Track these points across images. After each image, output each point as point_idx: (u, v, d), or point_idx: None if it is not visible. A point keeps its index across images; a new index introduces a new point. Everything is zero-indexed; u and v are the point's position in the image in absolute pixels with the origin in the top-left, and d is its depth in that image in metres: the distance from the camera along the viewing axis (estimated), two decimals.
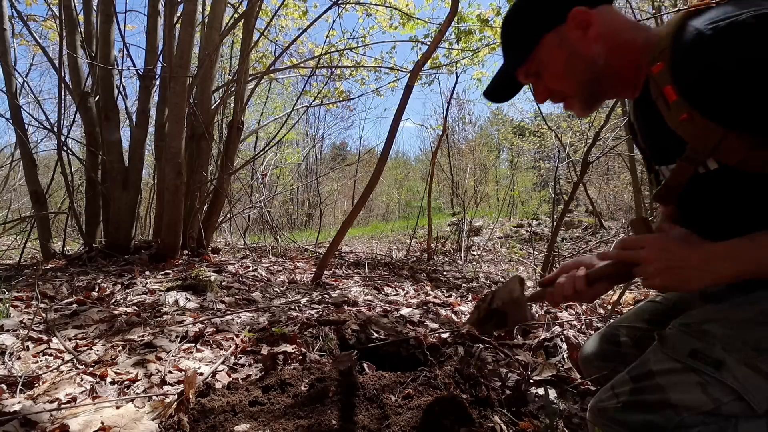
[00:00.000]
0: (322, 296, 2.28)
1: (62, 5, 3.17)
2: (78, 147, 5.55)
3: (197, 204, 3.42)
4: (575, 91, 0.89)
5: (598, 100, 0.91)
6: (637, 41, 0.82)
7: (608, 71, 0.85)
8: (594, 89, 0.88)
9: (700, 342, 0.72)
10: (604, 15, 0.84)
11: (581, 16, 0.84)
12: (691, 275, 0.73)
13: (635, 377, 0.76)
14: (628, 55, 0.83)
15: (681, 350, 0.73)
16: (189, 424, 1.01)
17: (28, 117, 5.21)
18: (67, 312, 1.80)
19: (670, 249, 0.76)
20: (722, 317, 0.74)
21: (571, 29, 0.85)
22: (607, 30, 0.84)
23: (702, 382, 0.69)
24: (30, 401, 1.10)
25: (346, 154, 21.73)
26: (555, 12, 0.86)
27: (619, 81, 0.86)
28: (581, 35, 0.84)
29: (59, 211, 4.29)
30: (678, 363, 0.73)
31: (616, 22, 0.85)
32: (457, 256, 4.73)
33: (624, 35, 0.83)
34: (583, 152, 3.77)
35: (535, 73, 0.92)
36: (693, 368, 0.71)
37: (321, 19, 4.36)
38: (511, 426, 1.04)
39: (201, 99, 3.49)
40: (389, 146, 2.72)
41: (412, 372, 1.21)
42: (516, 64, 0.93)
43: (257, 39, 4.64)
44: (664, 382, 0.72)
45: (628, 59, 0.83)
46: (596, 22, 0.83)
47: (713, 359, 0.70)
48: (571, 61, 0.86)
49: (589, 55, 0.84)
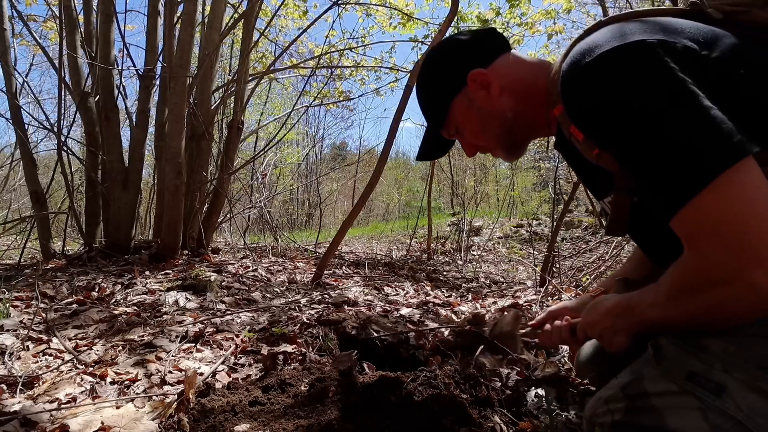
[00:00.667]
0: (322, 296, 2.28)
1: (62, 5, 3.17)
2: (78, 147, 5.55)
3: (197, 204, 3.42)
4: (495, 144, 0.94)
5: (521, 146, 0.95)
6: (538, 84, 0.84)
7: (520, 120, 0.88)
8: (512, 138, 0.92)
9: (698, 362, 0.65)
10: (501, 69, 0.88)
11: (480, 77, 0.87)
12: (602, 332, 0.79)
13: (630, 396, 0.70)
14: (535, 99, 0.85)
15: (678, 371, 0.67)
16: (189, 424, 1.01)
17: (28, 117, 5.21)
18: (67, 312, 1.80)
19: (594, 309, 0.82)
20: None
21: (474, 90, 0.88)
22: (509, 81, 0.87)
23: (701, 407, 0.63)
24: (30, 401, 1.10)
25: (346, 154, 21.73)
26: (455, 78, 0.90)
27: (534, 125, 0.90)
28: (485, 94, 0.87)
29: (59, 211, 4.29)
30: (675, 385, 0.66)
31: (516, 70, 0.88)
32: (457, 256, 4.73)
33: (526, 81, 0.87)
34: None
35: (456, 132, 0.96)
36: (691, 392, 0.65)
37: (321, 19, 4.37)
38: (511, 426, 1.04)
39: (201, 99, 3.49)
40: (389, 146, 2.72)
41: (412, 372, 1.21)
42: (437, 127, 0.98)
43: (257, 39, 4.64)
44: (661, 405, 0.67)
45: (536, 103, 0.86)
46: (495, 79, 0.87)
47: (714, 383, 0.63)
48: (483, 119, 0.90)
49: (498, 111, 0.88)
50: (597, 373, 1.04)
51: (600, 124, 0.68)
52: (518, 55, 0.91)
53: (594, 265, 3.22)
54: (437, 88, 0.95)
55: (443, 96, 0.93)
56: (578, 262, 3.81)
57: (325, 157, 20.03)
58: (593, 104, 0.67)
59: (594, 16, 12.87)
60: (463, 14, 4.91)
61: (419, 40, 5.13)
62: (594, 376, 1.08)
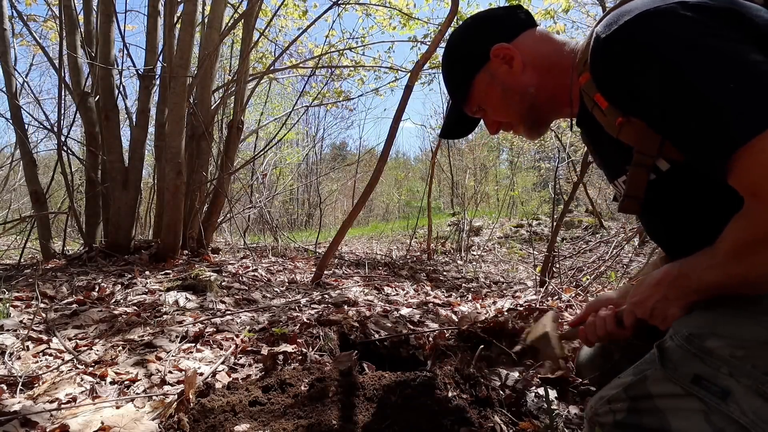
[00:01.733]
0: (322, 296, 2.28)
1: (62, 5, 3.17)
2: (78, 147, 5.55)
3: (197, 204, 3.42)
4: (518, 119, 0.93)
5: (543, 124, 0.94)
6: (563, 61, 0.84)
7: (542, 96, 0.87)
8: (534, 115, 0.91)
9: (704, 365, 0.65)
10: (525, 44, 0.87)
11: (503, 52, 0.87)
12: (654, 306, 0.75)
13: (633, 397, 0.70)
14: (558, 76, 0.85)
15: (683, 373, 0.66)
16: (189, 424, 1.01)
17: (28, 117, 5.21)
18: (67, 312, 1.80)
19: (640, 285, 0.78)
20: (729, 332, 0.65)
21: (496, 66, 0.88)
22: (531, 58, 0.86)
23: (705, 410, 0.63)
24: (30, 401, 1.10)
25: (346, 154, 21.73)
26: (478, 53, 0.90)
27: (556, 102, 0.88)
28: (507, 69, 0.88)
29: (59, 211, 4.28)
30: (679, 387, 0.66)
31: (540, 46, 0.87)
32: (457, 256, 4.73)
33: (550, 57, 0.86)
34: (583, 152, 3.77)
35: (479, 109, 0.96)
36: (696, 395, 0.64)
37: (321, 19, 4.36)
38: (511, 426, 1.04)
39: (201, 99, 3.49)
40: (389, 146, 2.72)
41: (412, 372, 1.21)
42: (460, 104, 0.98)
43: (257, 39, 4.64)
44: (664, 407, 0.67)
45: (559, 80, 0.85)
46: (518, 54, 0.86)
47: (719, 388, 0.62)
48: (506, 95, 0.89)
49: (520, 86, 0.87)
50: (598, 374, 1.04)
51: (632, 83, 0.66)
52: (544, 31, 0.90)
53: (594, 265, 3.22)
54: (460, 64, 0.94)
55: (466, 71, 0.93)
56: (578, 262, 3.81)
57: (325, 157, 20.03)
58: (627, 62, 0.65)
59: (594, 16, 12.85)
60: (463, 14, 4.90)
61: (419, 40, 5.13)
62: (595, 377, 1.08)
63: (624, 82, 0.67)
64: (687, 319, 0.72)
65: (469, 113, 1.00)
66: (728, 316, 0.68)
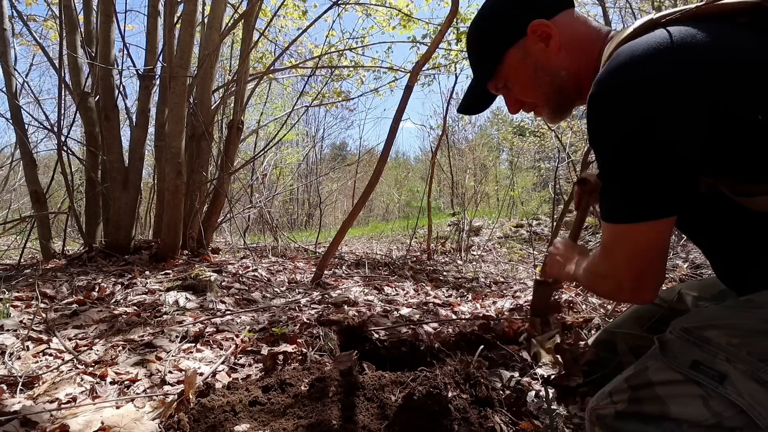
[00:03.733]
0: (322, 296, 2.28)
1: (62, 5, 3.17)
2: (78, 147, 5.55)
3: (197, 204, 3.42)
4: (544, 101, 0.91)
5: (567, 109, 0.93)
6: (594, 50, 0.82)
7: (571, 82, 0.86)
8: (561, 98, 0.89)
9: (702, 352, 0.69)
10: (563, 24, 0.84)
11: (541, 29, 0.84)
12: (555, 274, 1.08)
13: (634, 386, 0.73)
14: (588, 65, 0.83)
15: (682, 360, 0.70)
16: (189, 424, 1.01)
17: (28, 117, 5.21)
18: (67, 312, 1.80)
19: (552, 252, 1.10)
20: (726, 323, 0.70)
21: (532, 42, 0.85)
22: (568, 39, 0.84)
23: (703, 395, 0.66)
24: (30, 401, 1.10)
25: (346, 154, 21.74)
26: (515, 27, 0.86)
27: (583, 88, 0.87)
28: (543, 48, 0.85)
29: (59, 211, 4.28)
30: (678, 374, 0.69)
31: (578, 30, 0.85)
32: (457, 256, 4.73)
33: (584, 44, 0.84)
34: (583, 152, 3.77)
35: (504, 86, 0.93)
36: (694, 380, 0.68)
37: (321, 19, 4.37)
38: (511, 426, 1.04)
39: (201, 99, 3.49)
40: (389, 146, 2.72)
41: (412, 372, 1.21)
42: (485, 78, 0.94)
43: (257, 39, 4.63)
44: (664, 393, 0.69)
45: (588, 69, 0.83)
46: (556, 33, 0.83)
47: (716, 372, 0.66)
48: (536, 74, 0.87)
49: (553, 67, 0.86)
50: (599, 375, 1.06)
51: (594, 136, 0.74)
52: (581, 15, 0.88)
53: None
54: (494, 35, 0.89)
55: (499, 45, 0.88)
56: None
57: (325, 157, 20.03)
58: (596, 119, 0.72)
59: (594, 16, 12.87)
60: (464, 15, 4.91)
61: (418, 41, 5.13)
62: (596, 377, 1.09)
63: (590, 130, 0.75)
64: (685, 316, 0.77)
65: (492, 90, 0.96)
66: (725, 310, 0.74)
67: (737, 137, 0.66)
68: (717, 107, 0.64)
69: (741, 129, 0.65)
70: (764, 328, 0.66)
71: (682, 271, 2.78)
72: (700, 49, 0.66)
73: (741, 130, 0.65)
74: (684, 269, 2.81)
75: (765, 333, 0.66)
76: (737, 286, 0.79)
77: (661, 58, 0.65)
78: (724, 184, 0.71)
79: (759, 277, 0.72)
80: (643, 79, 0.65)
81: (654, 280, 0.75)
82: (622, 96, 0.67)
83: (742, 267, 0.76)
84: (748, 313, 0.69)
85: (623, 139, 0.68)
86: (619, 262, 0.75)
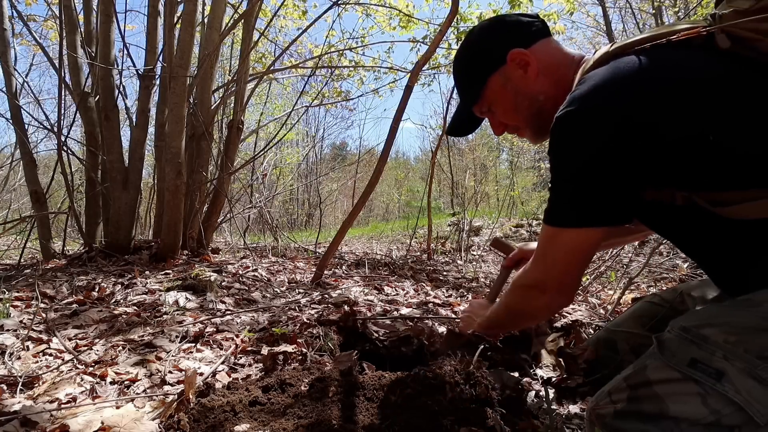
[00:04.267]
0: (322, 296, 2.28)
1: (62, 5, 3.17)
2: (78, 147, 5.55)
3: (197, 204, 3.42)
4: (525, 124, 0.98)
5: (548, 130, 0.99)
6: (568, 79, 0.89)
7: (549, 105, 0.91)
8: (541, 121, 0.95)
9: (700, 350, 0.69)
10: (540, 52, 0.92)
11: (520, 57, 0.91)
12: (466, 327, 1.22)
13: (633, 385, 0.74)
14: (566, 88, 0.89)
15: (680, 358, 0.71)
16: (189, 424, 1.00)
17: (28, 117, 5.20)
18: (67, 312, 1.80)
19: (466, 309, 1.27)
20: (723, 321, 0.71)
21: (512, 69, 0.93)
22: (545, 66, 0.92)
23: (702, 393, 0.67)
24: (30, 401, 1.10)
25: (346, 154, 21.74)
26: (496, 55, 0.93)
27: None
28: (522, 74, 0.92)
29: (59, 211, 4.28)
30: (677, 372, 0.70)
31: (553, 57, 0.93)
32: (457, 256, 4.73)
33: (560, 70, 0.91)
34: None
35: (488, 110, 1.01)
36: (692, 378, 0.68)
37: (321, 19, 4.36)
38: (511, 426, 1.03)
39: (201, 99, 3.49)
40: (389, 146, 2.71)
41: (412, 372, 1.21)
42: (470, 102, 1.02)
43: (257, 39, 4.63)
44: (662, 392, 0.70)
45: (565, 92, 0.89)
46: (534, 61, 0.91)
47: (714, 369, 0.67)
48: (517, 98, 0.95)
49: (532, 92, 0.93)
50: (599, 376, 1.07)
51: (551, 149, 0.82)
52: (557, 43, 0.95)
53: (594, 265, 3.22)
54: (476, 64, 0.97)
55: (481, 72, 0.96)
56: None
57: (325, 157, 20.03)
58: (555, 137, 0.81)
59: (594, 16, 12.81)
60: (464, 15, 4.90)
61: (418, 41, 5.13)
62: (597, 378, 1.10)
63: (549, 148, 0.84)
64: (684, 315, 0.79)
65: (478, 113, 1.03)
66: (723, 309, 0.76)
67: (692, 152, 0.71)
68: (656, 127, 0.71)
69: (692, 145, 0.70)
70: (761, 326, 0.67)
71: (682, 271, 2.78)
72: (641, 76, 0.73)
73: (692, 146, 0.70)
74: (684, 269, 2.81)
75: (762, 330, 0.67)
76: (733, 291, 0.81)
77: (605, 88, 0.75)
78: (699, 197, 0.74)
79: (755, 278, 0.73)
80: (593, 107, 0.75)
81: (575, 286, 0.87)
82: (575, 121, 0.75)
83: (734, 272, 0.79)
84: (745, 312, 0.70)
85: (573, 155, 0.77)
86: (551, 264, 0.85)
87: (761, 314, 0.68)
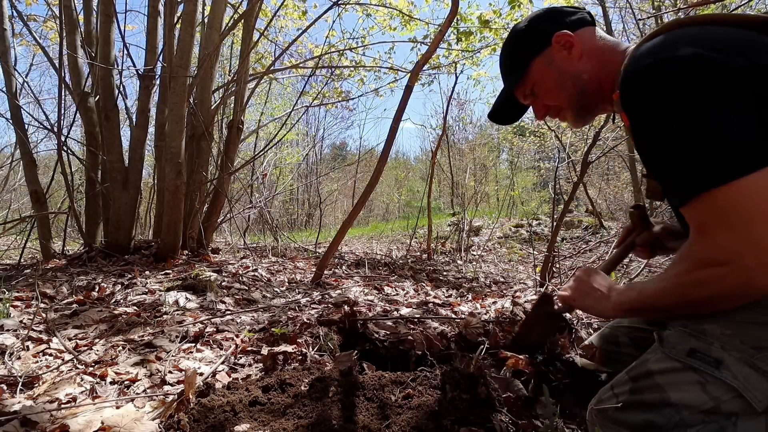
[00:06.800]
0: (322, 296, 2.28)
1: (62, 5, 3.17)
2: (78, 147, 5.55)
3: (197, 204, 3.42)
4: (567, 103, 1.00)
5: (589, 113, 1.01)
6: (614, 62, 0.90)
7: (592, 86, 0.95)
8: (583, 100, 0.97)
9: (698, 341, 0.73)
10: (585, 36, 0.96)
11: (564, 38, 0.95)
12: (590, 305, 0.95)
13: (634, 377, 0.77)
14: (608, 74, 0.92)
15: (680, 349, 0.74)
16: (189, 424, 1.00)
17: (28, 117, 5.20)
18: (67, 312, 1.80)
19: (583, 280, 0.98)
20: (722, 316, 0.74)
21: (556, 51, 0.96)
22: (589, 49, 0.95)
23: (701, 381, 0.70)
24: (30, 401, 1.10)
25: (346, 154, 21.74)
26: (541, 37, 0.98)
27: (604, 94, 0.95)
28: (566, 55, 0.95)
29: (59, 211, 4.28)
30: (677, 362, 0.73)
31: (597, 43, 0.96)
32: (457, 256, 4.73)
33: (604, 56, 0.94)
34: (583, 152, 3.77)
35: (531, 93, 1.03)
36: (692, 367, 0.71)
37: (321, 19, 4.36)
38: (511, 426, 1.03)
39: (201, 99, 3.49)
40: (389, 146, 2.71)
41: (412, 372, 1.21)
42: (513, 85, 1.05)
43: (257, 39, 4.63)
44: (664, 382, 0.73)
45: (609, 77, 0.92)
46: (578, 43, 0.94)
47: (712, 358, 0.70)
48: (560, 78, 0.97)
49: (575, 72, 0.95)
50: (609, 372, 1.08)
51: (633, 123, 0.77)
52: (602, 32, 0.98)
53: (594, 265, 3.21)
54: (521, 47, 1.01)
55: (527, 54, 1.00)
56: (578, 262, 3.81)
57: (325, 157, 20.03)
58: (636, 109, 0.76)
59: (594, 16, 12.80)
60: (464, 15, 4.90)
61: (418, 41, 5.13)
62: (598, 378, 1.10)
63: (630, 118, 0.78)
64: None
65: (521, 97, 1.06)
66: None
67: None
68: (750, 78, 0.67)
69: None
70: (758, 320, 0.70)
71: None
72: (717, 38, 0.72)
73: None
74: None
75: (757, 324, 0.70)
76: None
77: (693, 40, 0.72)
78: None
79: None
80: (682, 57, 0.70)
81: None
82: (673, 66, 0.70)
83: None
84: (742, 308, 0.73)
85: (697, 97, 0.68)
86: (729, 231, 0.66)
87: (758, 310, 0.71)
